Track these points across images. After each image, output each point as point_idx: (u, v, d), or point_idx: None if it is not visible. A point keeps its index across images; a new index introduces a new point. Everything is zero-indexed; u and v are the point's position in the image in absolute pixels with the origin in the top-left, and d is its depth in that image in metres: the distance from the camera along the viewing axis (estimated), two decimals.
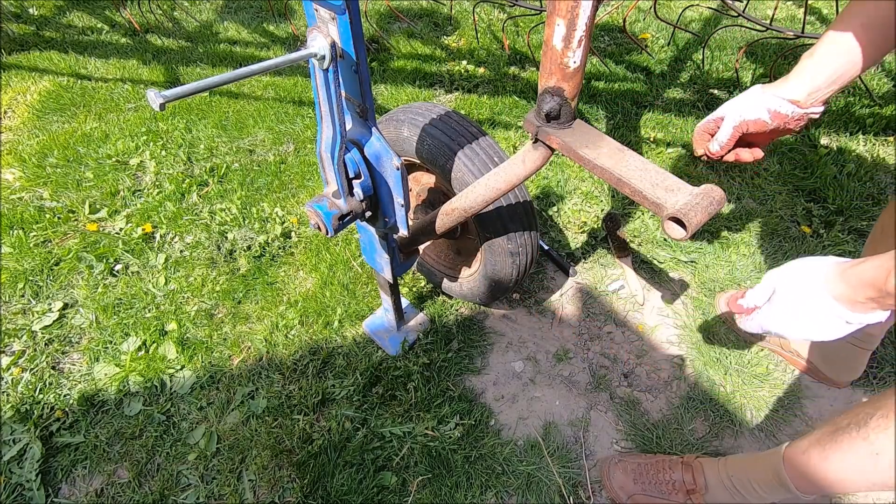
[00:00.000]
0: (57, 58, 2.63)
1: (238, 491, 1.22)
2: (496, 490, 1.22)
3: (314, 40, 0.70)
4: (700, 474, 1.12)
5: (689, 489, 1.12)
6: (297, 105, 2.33)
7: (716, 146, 0.88)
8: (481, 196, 0.97)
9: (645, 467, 1.19)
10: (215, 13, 2.98)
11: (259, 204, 1.87)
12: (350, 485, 1.21)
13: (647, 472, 1.18)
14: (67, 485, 1.25)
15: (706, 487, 1.11)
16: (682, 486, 1.13)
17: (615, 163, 0.75)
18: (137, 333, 1.50)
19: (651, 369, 1.44)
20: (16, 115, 2.32)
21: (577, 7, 0.63)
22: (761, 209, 1.83)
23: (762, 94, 0.83)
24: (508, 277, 1.28)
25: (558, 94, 0.74)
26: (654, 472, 1.17)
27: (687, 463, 1.16)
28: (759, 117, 0.83)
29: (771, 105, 0.81)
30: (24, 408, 1.34)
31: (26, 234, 1.76)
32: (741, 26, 2.18)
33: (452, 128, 1.14)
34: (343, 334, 1.50)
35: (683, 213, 0.66)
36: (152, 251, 1.73)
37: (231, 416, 1.34)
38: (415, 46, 2.64)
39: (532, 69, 2.48)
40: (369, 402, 1.36)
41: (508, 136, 2.12)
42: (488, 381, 1.42)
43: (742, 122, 0.84)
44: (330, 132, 0.82)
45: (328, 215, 0.93)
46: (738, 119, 0.84)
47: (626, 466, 1.21)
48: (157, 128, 2.21)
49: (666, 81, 2.38)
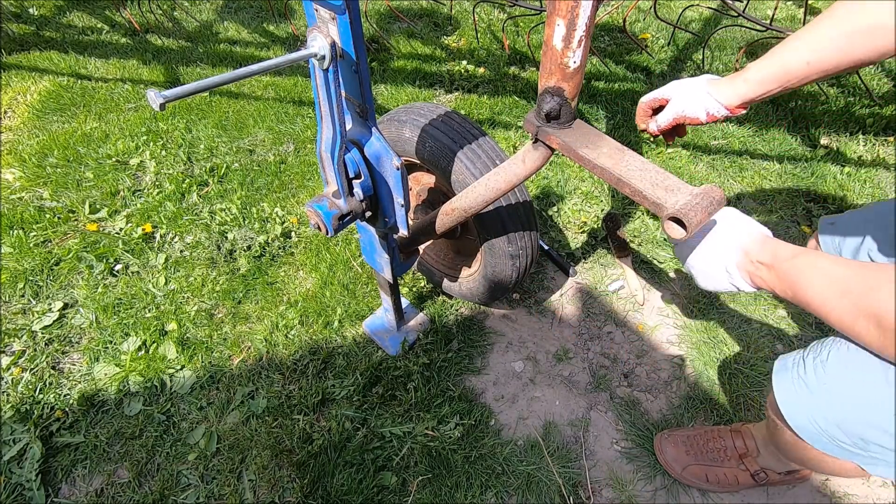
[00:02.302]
0: (57, 58, 2.63)
1: (238, 491, 1.22)
2: (496, 490, 1.22)
3: (314, 40, 0.70)
4: (750, 439, 1.17)
5: (741, 454, 1.17)
6: (297, 105, 2.33)
7: (654, 126, 1.00)
8: (481, 196, 0.97)
9: (695, 438, 1.23)
10: (215, 13, 2.98)
11: (259, 204, 1.87)
12: (350, 485, 1.21)
13: (698, 442, 1.22)
14: (67, 485, 1.25)
15: (757, 451, 1.15)
16: (735, 452, 1.18)
17: (615, 163, 0.75)
18: (137, 333, 1.50)
19: (651, 369, 1.44)
20: (16, 115, 2.32)
21: (577, 7, 0.63)
22: (761, 209, 1.83)
23: (706, 96, 0.92)
24: (508, 277, 1.28)
25: (558, 94, 0.74)
26: (706, 441, 1.21)
27: (736, 430, 1.20)
28: (697, 116, 0.94)
29: (710, 108, 0.92)
30: (24, 408, 1.34)
31: (26, 234, 1.76)
32: (741, 26, 2.18)
33: (454, 129, 1.14)
34: (343, 334, 1.50)
35: (683, 213, 0.66)
36: (152, 251, 1.73)
37: (231, 416, 1.34)
38: (415, 46, 2.64)
39: (532, 69, 2.49)
40: (369, 402, 1.36)
41: (508, 136, 2.12)
42: (488, 381, 1.42)
43: (682, 116, 0.95)
44: (330, 132, 0.82)
45: (328, 215, 0.93)
46: (679, 111, 0.94)
47: (676, 440, 1.24)
48: (157, 128, 2.21)
49: (666, 81, 2.38)
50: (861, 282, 0.63)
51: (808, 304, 0.68)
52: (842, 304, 0.64)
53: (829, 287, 0.65)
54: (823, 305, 0.66)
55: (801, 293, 0.68)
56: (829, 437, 0.78)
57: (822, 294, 0.66)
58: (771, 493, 1.22)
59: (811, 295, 0.67)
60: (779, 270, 0.71)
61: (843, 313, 0.64)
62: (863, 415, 0.72)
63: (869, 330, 0.62)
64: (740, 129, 2.13)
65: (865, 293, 0.62)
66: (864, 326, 0.63)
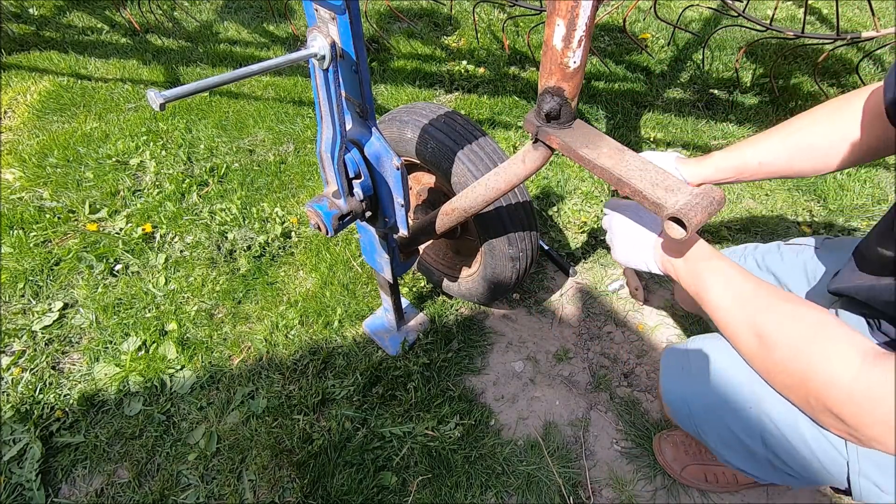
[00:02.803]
0: (57, 58, 2.63)
1: (238, 491, 1.22)
2: (496, 490, 1.22)
3: (314, 40, 0.70)
4: None
5: None
6: (297, 105, 2.33)
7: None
8: (481, 196, 0.97)
9: (693, 439, 1.23)
10: (215, 13, 2.98)
11: (259, 204, 1.87)
12: (350, 485, 1.21)
13: (696, 442, 1.22)
14: (67, 485, 1.25)
15: None
16: None
17: (615, 163, 0.75)
18: (137, 333, 1.50)
19: (651, 369, 1.44)
20: (16, 115, 2.32)
21: (577, 7, 0.62)
22: (761, 209, 1.83)
23: (674, 170, 1.01)
24: (508, 277, 1.28)
25: (558, 94, 0.74)
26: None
27: None
28: None
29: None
30: (24, 408, 1.34)
31: (26, 234, 1.76)
32: (741, 26, 2.18)
33: (456, 131, 1.14)
34: (343, 334, 1.50)
35: (683, 213, 0.66)
36: (152, 251, 1.73)
37: (231, 416, 1.34)
38: (415, 46, 2.64)
39: (532, 69, 2.48)
40: (369, 402, 1.36)
41: (508, 136, 2.12)
42: (488, 381, 1.42)
43: None
44: (330, 132, 0.82)
45: (328, 215, 0.92)
46: None
47: (675, 440, 1.25)
48: (157, 128, 2.21)
49: (666, 81, 2.38)
50: (759, 300, 0.72)
51: (706, 303, 0.77)
52: (736, 312, 0.73)
53: (731, 296, 0.74)
54: (719, 308, 0.75)
55: (703, 292, 0.77)
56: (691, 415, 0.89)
57: (720, 298, 0.75)
58: (770, 493, 1.22)
59: (712, 296, 0.76)
60: (692, 266, 0.78)
61: (736, 320, 0.73)
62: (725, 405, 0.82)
63: (750, 340, 0.72)
64: (740, 129, 2.13)
65: (760, 310, 0.71)
66: (748, 336, 0.72)
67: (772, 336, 0.69)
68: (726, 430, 0.83)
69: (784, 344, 0.67)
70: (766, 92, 2.28)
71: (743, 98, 2.27)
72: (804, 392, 0.66)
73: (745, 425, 0.79)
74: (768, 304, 0.71)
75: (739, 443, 0.82)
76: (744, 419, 0.79)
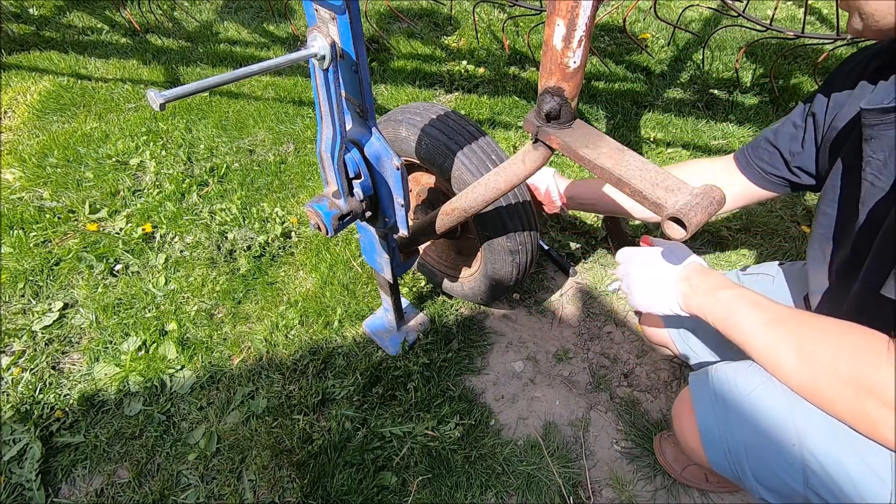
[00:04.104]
0: (57, 58, 2.63)
1: (238, 491, 1.22)
2: (496, 490, 1.22)
3: (314, 40, 0.70)
4: None
5: None
6: (297, 105, 2.33)
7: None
8: (481, 196, 0.97)
9: None
10: (215, 13, 2.99)
11: (259, 204, 1.87)
12: (350, 485, 1.21)
13: None
14: (67, 485, 1.25)
15: None
16: None
17: (615, 163, 0.75)
18: (137, 333, 1.50)
19: (651, 369, 1.44)
20: (16, 115, 2.32)
21: (577, 7, 0.62)
22: (761, 209, 1.83)
23: (551, 178, 1.39)
24: (509, 277, 1.28)
25: (558, 94, 0.74)
26: None
27: None
28: (538, 185, 1.40)
29: (550, 186, 1.37)
30: (24, 408, 1.34)
31: (26, 234, 1.76)
32: (741, 26, 2.18)
33: (450, 126, 1.14)
34: (343, 334, 1.50)
35: (683, 213, 0.66)
36: (152, 251, 1.73)
37: (231, 416, 1.34)
38: (415, 46, 2.64)
39: (532, 69, 2.48)
40: (369, 402, 1.36)
41: (508, 136, 2.12)
42: (488, 381, 1.42)
43: (533, 185, 1.40)
44: (330, 132, 0.82)
45: (328, 215, 0.92)
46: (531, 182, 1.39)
47: (676, 440, 1.22)
48: (157, 128, 2.21)
49: (666, 81, 2.38)
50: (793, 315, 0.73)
51: (740, 328, 0.76)
52: (776, 330, 0.73)
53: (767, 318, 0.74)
54: (756, 330, 0.75)
55: (737, 317, 0.77)
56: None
57: (757, 321, 0.75)
58: None
59: (748, 321, 0.76)
60: (717, 297, 0.79)
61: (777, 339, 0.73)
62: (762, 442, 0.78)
63: (790, 355, 0.71)
64: (740, 129, 2.13)
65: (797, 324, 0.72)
66: (788, 351, 0.71)
67: (814, 342, 0.69)
68: (767, 470, 0.78)
69: (827, 346, 0.68)
70: (766, 92, 2.28)
71: (743, 98, 2.27)
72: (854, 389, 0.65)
73: (788, 463, 0.75)
74: (801, 318, 0.72)
75: (780, 481, 0.77)
76: (787, 456, 0.75)
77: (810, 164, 0.96)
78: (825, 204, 0.88)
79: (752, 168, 1.04)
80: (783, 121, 1.00)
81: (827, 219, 0.87)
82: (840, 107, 0.86)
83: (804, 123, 0.95)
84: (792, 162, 0.98)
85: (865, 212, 0.75)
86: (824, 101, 0.90)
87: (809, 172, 0.97)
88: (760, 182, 1.05)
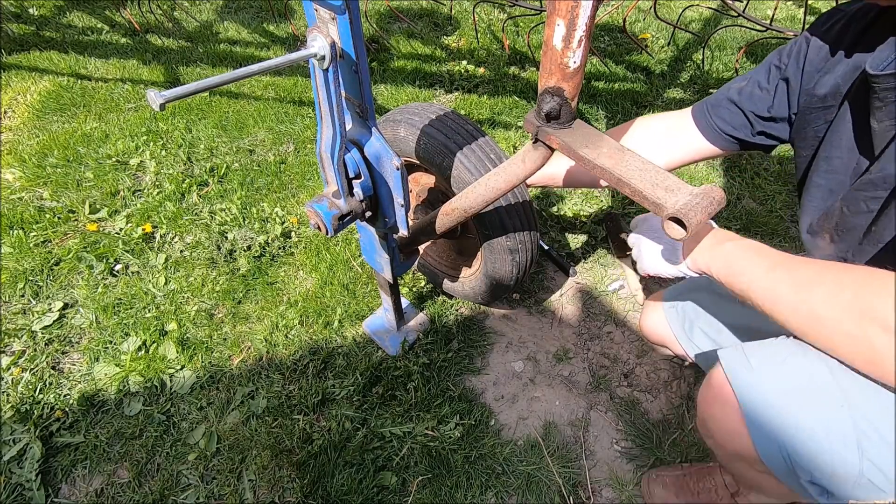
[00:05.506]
0: (57, 58, 2.63)
1: (238, 491, 1.22)
2: (496, 490, 1.22)
3: (314, 40, 0.70)
4: None
5: (732, 492, 1.12)
6: (297, 105, 2.33)
7: None
8: (481, 196, 0.97)
9: (684, 479, 1.18)
10: (215, 13, 2.99)
11: (259, 204, 1.87)
12: (350, 485, 1.21)
13: (686, 483, 1.17)
14: (67, 485, 1.25)
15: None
16: (725, 490, 1.12)
17: (615, 163, 0.75)
18: (137, 333, 1.50)
19: (651, 369, 1.44)
20: (16, 115, 2.32)
21: (577, 7, 0.62)
22: (761, 209, 1.83)
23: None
24: (509, 277, 1.28)
25: (558, 94, 0.74)
26: (695, 482, 1.16)
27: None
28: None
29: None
30: (24, 408, 1.34)
31: (26, 234, 1.76)
32: (741, 26, 2.18)
33: (449, 126, 1.14)
34: (343, 334, 1.50)
35: (683, 214, 0.66)
36: (152, 251, 1.73)
37: (231, 416, 1.34)
38: (415, 46, 2.64)
39: (532, 69, 2.49)
40: (369, 402, 1.36)
41: (508, 136, 2.12)
42: (488, 381, 1.42)
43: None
44: (330, 132, 0.82)
45: (328, 215, 0.93)
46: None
47: (665, 481, 1.19)
48: (157, 128, 2.21)
49: (666, 81, 2.38)
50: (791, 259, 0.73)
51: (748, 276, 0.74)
52: (768, 275, 0.72)
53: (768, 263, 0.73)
54: (765, 277, 0.73)
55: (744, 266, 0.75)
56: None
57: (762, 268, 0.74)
58: None
59: (754, 268, 0.74)
60: (722, 251, 0.78)
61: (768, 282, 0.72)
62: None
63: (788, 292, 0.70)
64: None
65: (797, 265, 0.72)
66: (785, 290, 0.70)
67: (816, 276, 0.68)
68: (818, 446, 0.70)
69: (828, 280, 0.67)
70: None
71: None
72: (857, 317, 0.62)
73: (840, 432, 0.69)
74: (803, 259, 0.72)
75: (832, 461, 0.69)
76: (837, 423, 0.69)
77: (783, 132, 0.96)
78: (818, 175, 0.86)
79: (710, 126, 1.04)
80: (747, 80, 0.97)
81: (820, 190, 0.86)
82: (819, 72, 0.85)
83: (774, 89, 0.93)
84: (756, 125, 0.97)
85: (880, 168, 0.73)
86: (797, 67, 0.88)
87: (777, 137, 0.97)
88: (715, 140, 1.04)
